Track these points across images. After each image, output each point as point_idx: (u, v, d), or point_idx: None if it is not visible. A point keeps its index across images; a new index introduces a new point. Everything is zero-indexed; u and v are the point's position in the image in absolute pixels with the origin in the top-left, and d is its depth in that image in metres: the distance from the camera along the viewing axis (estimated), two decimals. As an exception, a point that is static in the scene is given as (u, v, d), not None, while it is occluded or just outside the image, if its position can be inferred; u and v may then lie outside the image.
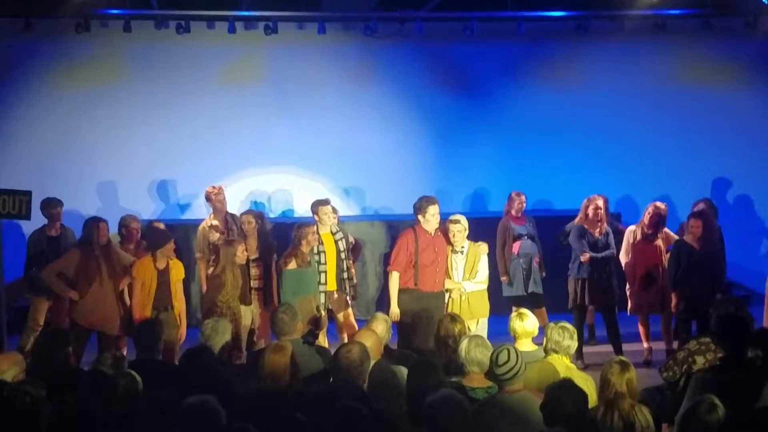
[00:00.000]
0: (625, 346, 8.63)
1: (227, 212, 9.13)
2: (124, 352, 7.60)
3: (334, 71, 11.71)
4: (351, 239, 8.64)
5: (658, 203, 8.97)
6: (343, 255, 8.31)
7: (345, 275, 8.32)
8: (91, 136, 11.15)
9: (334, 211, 8.51)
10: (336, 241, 8.31)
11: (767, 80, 12.17)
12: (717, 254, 8.53)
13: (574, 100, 11.91)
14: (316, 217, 8.30)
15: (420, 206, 7.71)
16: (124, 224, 8.59)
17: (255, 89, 11.62)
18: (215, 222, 8.90)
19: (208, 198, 9.13)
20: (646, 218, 8.87)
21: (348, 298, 8.34)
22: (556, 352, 5.33)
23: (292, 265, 7.91)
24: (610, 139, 11.93)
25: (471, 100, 12.00)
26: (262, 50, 11.62)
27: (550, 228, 9.70)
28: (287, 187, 11.83)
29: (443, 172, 11.93)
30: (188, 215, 11.46)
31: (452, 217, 7.86)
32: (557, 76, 11.97)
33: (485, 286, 7.92)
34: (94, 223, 7.94)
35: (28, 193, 7.90)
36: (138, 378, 4.77)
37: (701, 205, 8.96)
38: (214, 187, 9.19)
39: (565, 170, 11.80)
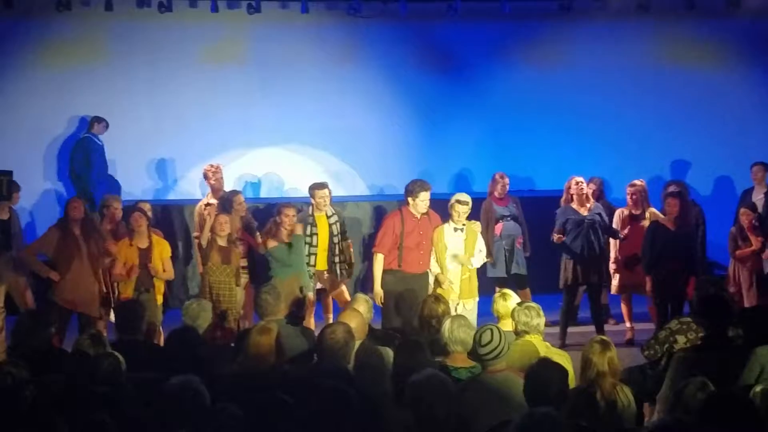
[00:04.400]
0: (607, 327, 8.68)
1: (224, 191, 9.04)
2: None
3: (317, 51, 11.64)
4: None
5: (635, 181, 9.02)
6: (336, 239, 8.36)
7: (337, 258, 8.37)
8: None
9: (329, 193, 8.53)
10: (330, 225, 8.35)
11: (750, 60, 12.20)
12: (692, 235, 8.57)
13: (557, 81, 11.90)
14: (312, 200, 8.36)
15: (413, 189, 7.69)
16: (105, 204, 8.49)
17: (238, 69, 11.53)
18: (212, 201, 8.85)
19: (205, 176, 9.10)
20: (629, 199, 8.91)
21: (339, 278, 8.38)
22: (527, 332, 5.34)
23: (272, 243, 7.93)
24: (594, 118, 11.93)
25: (455, 81, 11.96)
26: (245, 30, 11.53)
27: (535, 208, 9.71)
28: (270, 167, 11.77)
29: (427, 152, 11.91)
30: (173, 195, 11.39)
31: (461, 198, 7.78)
32: (541, 56, 11.95)
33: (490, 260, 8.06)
34: (68, 202, 7.90)
35: (9, 173, 7.85)
36: (121, 358, 4.76)
37: (673, 187, 8.98)
38: (212, 166, 9.17)
39: (549, 150, 11.80)
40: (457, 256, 7.67)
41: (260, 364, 4.96)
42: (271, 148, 11.68)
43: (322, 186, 8.49)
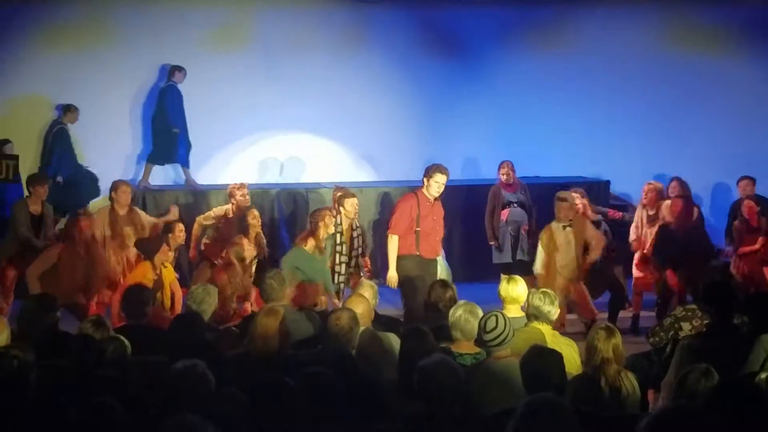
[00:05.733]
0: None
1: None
2: None
3: (323, 37, 11.60)
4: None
5: (652, 182, 9.04)
6: (354, 253, 8.22)
7: (352, 270, 8.25)
8: (76, 100, 10.99)
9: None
10: (353, 238, 8.20)
11: (756, 46, 12.15)
12: (700, 231, 8.61)
13: (564, 67, 11.86)
14: (342, 209, 8.14)
15: (429, 170, 7.62)
16: (114, 188, 8.61)
17: (243, 53, 11.48)
18: (217, 213, 8.90)
19: (231, 195, 8.95)
20: (644, 198, 8.91)
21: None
22: (537, 318, 5.34)
23: (308, 246, 7.69)
24: (600, 104, 11.91)
25: (461, 66, 11.92)
26: (251, 13, 11.49)
27: (542, 194, 9.71)
28: (275, 153, 11.73)
29: (434, 137, 11.88)
30: (173, 181, 11.33)
31: (560, 195, 7.95)
32: (547, 42, 11.91)
33: None
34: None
35: (15, 157, 7.87)
36: (126, 342, 4.77)
37: (675, 184, 9.01)
38: (238, 184, 9.04)
39: (555, 135, 11.78)
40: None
41: (265, 347, 4.96)
42: (275, 134, 11.64)
43: (352, 194, 8.31)
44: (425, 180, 7.62)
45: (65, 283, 7.51)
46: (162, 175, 11.17)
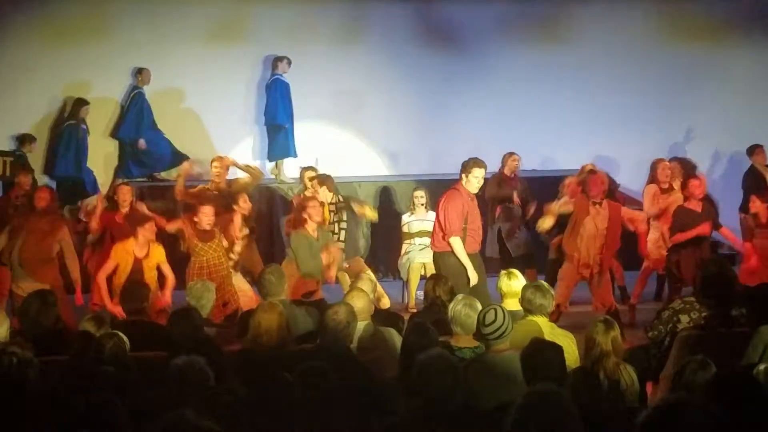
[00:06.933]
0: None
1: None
2: None
3: (320, 30, 11.58)
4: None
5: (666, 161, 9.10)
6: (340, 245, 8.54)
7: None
8: (73, 94, 10.98)
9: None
10: (339, 229, 8.71)
11: (754, 39, 12.15)
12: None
13: (562, 60, 11.86)
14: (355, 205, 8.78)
15: (466, 165, 7.49)
16: (115, 191, 8.74)
17: (241, 47, 11.45)
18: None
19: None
20: (661, 173, 8.87)
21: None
22: (530, 312, 5.34)
23: (305, 231, 7.85)
24: (597, 98, 11.91)
25: (459, 59, 11.90)
26: (249, 8, 11.48)
27: (541, 187, 9.72)
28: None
29: (432, 131, 11.90)
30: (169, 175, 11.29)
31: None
32: (545, 35, 11.90)
33: None
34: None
35: (11, 153, 7.85)
36: (125, 338, 4.77)
37: (675, 164, 8.98)
38: (216, 157, 9.12)
39: (553, 128, 11.79)
40: None
41: (265, 343, 4.97)
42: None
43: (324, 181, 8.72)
44: (463, 176, 7.45)
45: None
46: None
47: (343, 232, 8.67)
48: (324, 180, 8.72)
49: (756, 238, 8.57)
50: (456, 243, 7.32)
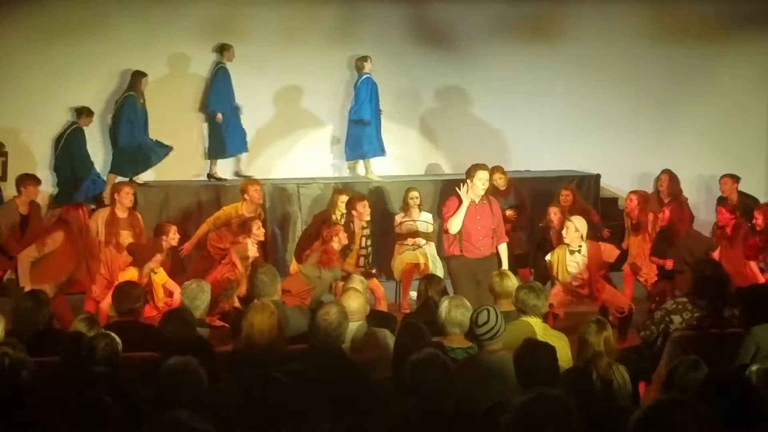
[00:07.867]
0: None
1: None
2: None
3: (313, 29, 11.56)
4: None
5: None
6: (363, 252, 8.72)
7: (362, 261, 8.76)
8: (72, 97, 10.94)
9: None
10: (363, 237, 8.69)
11: (747, 40, 12.18)
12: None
13: (553, 60, 11.86)
14: (354, 212, 8.64)
15: (469, 170, 7.50)
16: (116, 190, 8.54)
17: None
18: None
19: (244, 191, 8.93)
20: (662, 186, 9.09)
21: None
22: (524, 312, 5.35)
23: (312, 259, 7.89)
24: (590, 98, 11.92)
25: (452, 59, 11.87)
26: (242, 7, 11.45)
27: (534, 188, 9.73)
28: (263, 147, 11.65)
29: (424, 132, 11.90)
30: (174, 176, 11.26)
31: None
32: (536, 35, 11.88)
33: None
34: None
35: (4, 155, 7.84)
36: (117, 339, 4.76)
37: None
38: (251, 181, 9.15)
39: (546, 128, 11.78)
40: None
41: (259, 343, 4.96)
42: (265, 128, 11.59)
43: (363, 197, 8.98)
44: (468, 182, 7.42)
45: (57, 270, 7.51)
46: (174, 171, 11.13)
47: (366, 239, 8.79)
48: (360, 199, 8.84)
49: (722, 248, 8.38)
50: (504, 248, 7.51)
